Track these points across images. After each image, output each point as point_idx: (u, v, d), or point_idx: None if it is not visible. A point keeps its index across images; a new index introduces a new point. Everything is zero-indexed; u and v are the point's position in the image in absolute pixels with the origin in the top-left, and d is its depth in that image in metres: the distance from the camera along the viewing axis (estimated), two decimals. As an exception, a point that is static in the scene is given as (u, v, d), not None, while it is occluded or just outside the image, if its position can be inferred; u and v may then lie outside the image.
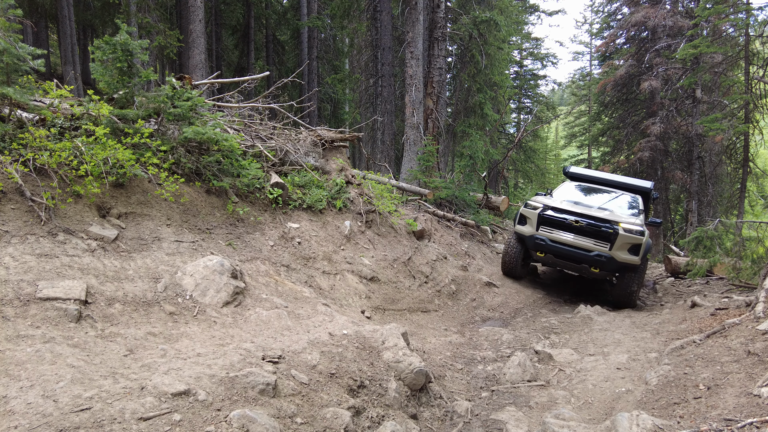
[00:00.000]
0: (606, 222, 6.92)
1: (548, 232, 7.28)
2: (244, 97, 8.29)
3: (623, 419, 2.61)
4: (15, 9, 4.55)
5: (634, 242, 6.80)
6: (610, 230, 6.83)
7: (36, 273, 3.21)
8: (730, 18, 12.18)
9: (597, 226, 6.91)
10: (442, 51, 13.25)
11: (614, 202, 8.15)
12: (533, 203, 7.65)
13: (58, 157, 3.91)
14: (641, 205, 8.12)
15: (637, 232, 6.82)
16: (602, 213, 7.19)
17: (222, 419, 2.34)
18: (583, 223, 6.98)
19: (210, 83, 7.72)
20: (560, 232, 7.18)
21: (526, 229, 7.56)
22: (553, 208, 7.38)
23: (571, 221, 7.07)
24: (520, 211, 7.83)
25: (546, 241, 7.23)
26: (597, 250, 6.89)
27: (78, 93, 12.79)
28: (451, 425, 3.47)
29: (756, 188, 16.82)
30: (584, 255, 6.94)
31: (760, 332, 3.71)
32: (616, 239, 6.77)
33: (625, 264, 6.86)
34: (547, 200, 7.76)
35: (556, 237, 7.18)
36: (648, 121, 15.69)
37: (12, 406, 2.12)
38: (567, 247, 7.09)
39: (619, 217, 7.16)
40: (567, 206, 7.36)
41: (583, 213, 7.11)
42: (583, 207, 7.43)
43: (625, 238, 6.77)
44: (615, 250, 6.82)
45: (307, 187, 6.61)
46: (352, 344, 3.59)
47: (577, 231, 7.06)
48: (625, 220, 7.00)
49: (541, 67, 28.49)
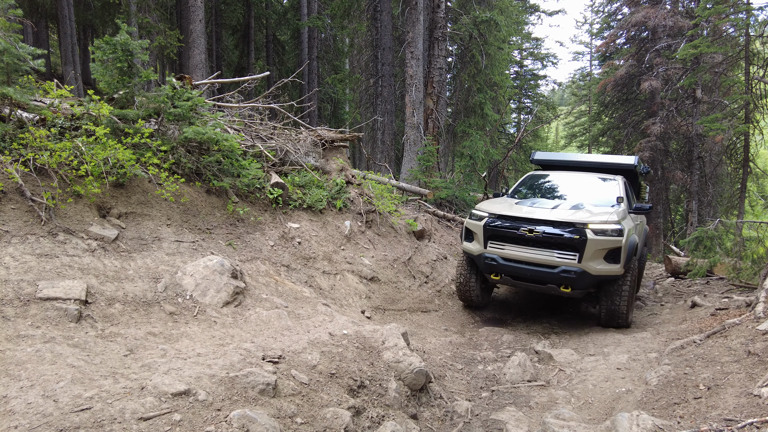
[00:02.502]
0: (568, 225, 5.36)
1: (499, 248, 5.71)
2: (245, 97, 8.29)
3: (623, 419, 2.61)
4: (15, 9, 4.56)
5: (611, 246, 5.25)
6: (575, 236, 5.25)
7: (36, 273, 3.21)
8: (730, 18, 12.18)
9: (557, 235, 5.34)
10: (443, 51, 13.25)
11: (585, 192, 6.60)
12: (478, 212, 6.06)
13: (59, 157, 3.92)
14: (622, 189, 6.50)
15: (612, 232, 5.26)
16: (563, 214, 5.56)
17: (222, 419, 2.34)
18: (538, 233, 5.39)
19: (210, 83, 7.73)
20: (513, 246, 5.62)
21: (473, 246, 6.01)
22: (500, 216, 5.79)
23: (524, 231, 5.46)
24: (464, 223, 6.24)
25: (498, 261, 5.68)
26: (562, 264, 5.32)
27: (78, 93, 12.79)
28: (451, 425, 3.47)
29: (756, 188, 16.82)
30: (547, 273, 5.41)
31: (761, 332, 3.71)
32: (584, 246, 5.23)
33: (603, 277, 5.37)
34: (495, 205, 6.15)
35: (510, 254, 5.62)
36: (648, 121, 15.68)
37: (12, 406, 2.12)
38: (524, 266, 5.54)
39: (586, 214, 5.52)
40: (518, 211, 5.78)
41: (538, 218, 5.52)
42: (540, 208, 5.80)
43: (596, 243, 5.22)
44: (586, 260, 5.25)
45: (308, 187, 6.61)
46: (352, 344, 3.60)
47: (533, 243, 5.49)
48: (596, 218, 5.40)
49: (542, 67, 28.54)
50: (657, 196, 17.13)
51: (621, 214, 5.57)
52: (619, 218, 5.43)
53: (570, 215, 5.51)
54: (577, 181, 6.94)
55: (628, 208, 6.07)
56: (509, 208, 5.91)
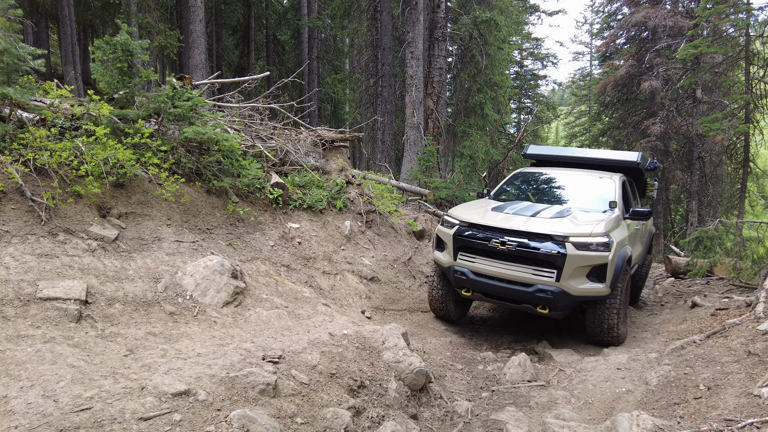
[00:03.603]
0: (545, 238, 4.68)
1: (469, 261, 5.06)
2: (245, 97, 8.29)
3: (623, 419, 2.61)
4: (15, 9, 4.56)
5: (595, 262, 4.57)
6: (552, 251, 4.58)
7: (36, 273, 3.21)
8: (730, 18, 12.18)
9: (532, 249, 4.67)
10: (443, 51, 13.25)
11: (577, 194, 5.91)
12: (449, 218, 5.37)
13: (59, 157, 3.92)
14: (618, 191, 5.71)
15: (598, 246, 4.59)
16: (541, 224, 4.87)
17: (222, 419, 2.34)
18: (512, 245, 4.72)
19: (210, 83, 7.73)
20: (485, 260, 4.96)
21: (443, 257, 5.35)
22: (471, 224, 5.11)
23: (496, 243, 4.79)
24: (436, 230, 5.58)
25: (467, 275, 5.02)
26: (538, 282, 4.66)
27: (78, 93, 12.80)
28: (451, 425, 3.47)
29: (756, 188, 16.81)
30: (521, 292, 4.76)
31: (761, 332, 3.71)
32: (564, 263, 4.55)
33: (585, 298, 4.71)
34: (469, 211, 5.43)
35: (481, 268, 4.97)
36: (648, 121, 15.68)
37: (12, 406, 2.12)
38: (497, 282, 4.88)
39: (568, 225, 4.83)
40: (492, 219, 5.09)
41: (512, 228, 4.85)
42: (517, 216, 5.11)
43: (578, 259, 4.54)
44: (566, 279, 4.57)
45: (308, 187, 6.61)
46: (352, 344, 3.60)
47: (507, 257, 4.82)
48: (578, 230, 4.71)
49: (542, 67, 28.56)
50: (657, 196, 17.12)
51: (611, 224, 4.92)
52: (607, 229, 4.75)
53: (548, 226, 4.82)
54: (569, 181, 6.25)
55: (623, 214, 5.50)
56: (482, 216, 5.21)
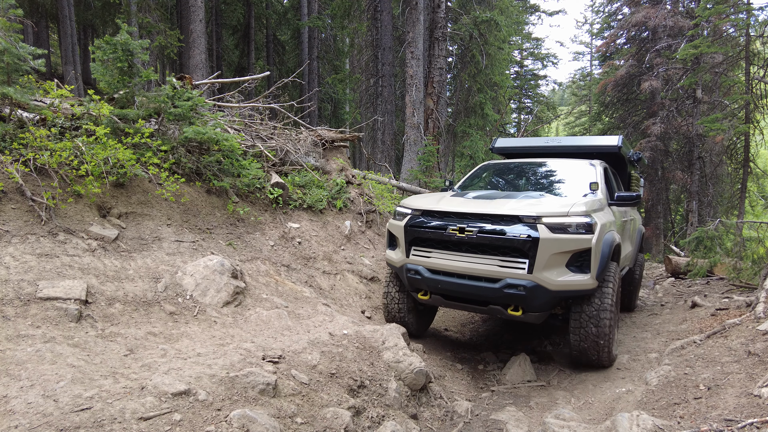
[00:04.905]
0: (512, 220, 3.87)
1: (424, 256, 4.25)
2: (245, 97, 8.29)
3: (623, 419, 2.61)
4: (15, 9, 4.56)
5: (576, 247, 3.77)
6: (521, 234, 3.75)
7: (36, 273, 3.21)
8: (730, 18, 12.18)
9: (496, 234, 3.84)
10: (443, 51, 13.25)
11: (551, 182, 5.21)
12: (402, 208, 4.61)
13: (59, 157, 3.92)
14: (600, 175, 4.97)
15: (578, 227, 3.78)
16: (508, 205, 4.06)
17: (222, 419, 2.34)
18: (471, 232, 3.92)
19: (210, 83, 7.73)
20: (442, 253, 4.15)
21: (395, 255, 4.57)
22: (425, 212, 4.36)
23: (453, 231, 4.00)
24: (387, 225, 4.81)
25: (422, 274, 4.20)
26: (506, 275, 3.82)
27: (78, 93, 12.80)
28: (451, 425, 3.47)
29: (756, 188, 16.79)
30: (487, 289, 3.90)
31: (761, 332, 3.71)
32: (537, 249, 3.71)
33: (567, 293, 3.87)
34: (423, 199, 4.74)
35: (437, 263, 4.15)
36: (648, 121, 15.68)
37: (12, 406, 2.12)
38: (457, 280, 4.04)
39: (540, 204, 4.02)
40: (448, 204, 4.33)
41: (472, 212, 4.08)
42: (480, 200, 4.32)
43: (553, 243, 3.72)
44: (540, 269, 3.73)
45: (308, 187, 6.62)
46: (352, 344, 3.60)
47: (467, 247, 4.01)
48: (552, 209, 3.90)
49: (542, 67, 28.59)
50: (657, 196, 17.12)
51: (592, 205, 4.08)
52: (588, 209, 3.94)
53: (516, 206, 3.99)
54: (542, 169, 5.50)
55: (607, 199, 4.73)
56: (437, 202, 4.45)
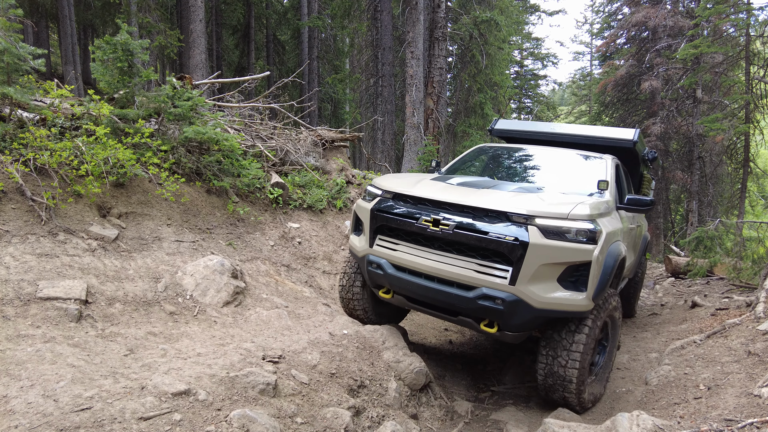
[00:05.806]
0: (498, 217, 3.17)
1: (389, 248, 3.56)
2: (245, 97, 8.29)
3: (623, 419, 2.61)
4: (15, 9, 4.56)
5: (573, 259, 3.07)
6: (507, 237, 3.05)
7: (36, 273, 3.21)
8: (730, 18, 12.18)
9: (477, 232, 3.14)
10: (443, 51, 13.25)
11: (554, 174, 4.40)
12: (372, 188, 3.88)
13: (59, 157, 3.92)
14: (611, 172, 4.21)
15: (578, 234, 3.08)
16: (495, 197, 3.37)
17: (222, 419, 2.34)
18: (448, 225, 3.20)
19: (210, 83, 7.73)
20: (410, 247, 3.45)
21: (358, 242, 3.86)
22: (396, 195, 3.63)
23: (427, 222, 3.28)
24: (354, 206, 4.07)
25: (385, 269, 3.53)
26: (483, 283, 3.13)
27: (78, 93, 12.80)
28: (451, 425, 3.47)
29: (756, 188, 16.80)
30: (457, 297, 3.22)
31: (761, 332, 3.71)
32: (524, 255, 3.01)
33: (553, 312, 3.15)
34: (398, 180, 3.94)
35: (404, 258, 3.45)
36: (648, 121, 15.67)
37: (12, 406, 2.12)
38: (424, 281, 3.36)
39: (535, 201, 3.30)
40: (426, 189, 3.60)
41: (452, 201, 3.35)
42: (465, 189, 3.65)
43: (546, 251, 3.03)
44: (526, 282, 3.04)
45: (308, 187, 6.62)
46: (352, 344, 3.59)
47: (442, 244, 3.31)
48: (550, 209, 3.16)
49: (542, 67, 28.58)
50: (657, 196, 17.12)
51: (598, 207, 3.32)
52: (593, 212, 3.21)
53: (505, 200, 3.29)
54: (544, 159, 4.70)
55: (616, 201, 3.98)
56: (413, 185, 3.70)
